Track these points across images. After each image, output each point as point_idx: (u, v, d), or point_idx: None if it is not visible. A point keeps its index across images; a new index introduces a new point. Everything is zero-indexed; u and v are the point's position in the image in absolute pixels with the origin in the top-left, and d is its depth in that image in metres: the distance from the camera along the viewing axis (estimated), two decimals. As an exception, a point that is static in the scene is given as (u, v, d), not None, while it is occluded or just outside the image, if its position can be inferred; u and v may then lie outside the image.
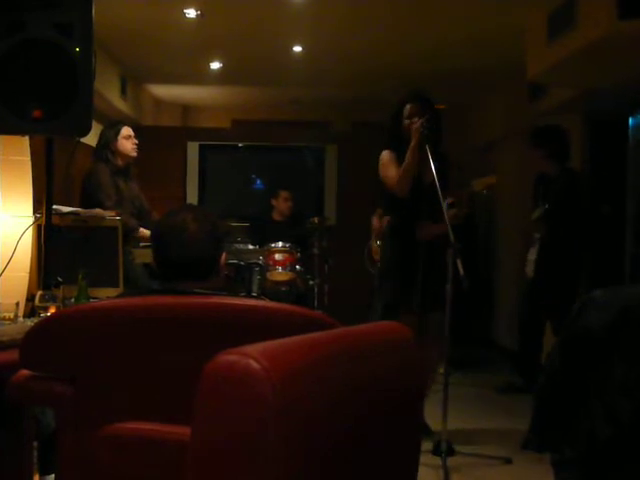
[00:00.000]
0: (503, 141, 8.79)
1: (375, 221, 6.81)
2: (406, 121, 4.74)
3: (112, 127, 5.23)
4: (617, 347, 1.89)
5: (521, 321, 6.40)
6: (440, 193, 4.33)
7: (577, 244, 6.00)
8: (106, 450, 2.07)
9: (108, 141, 5.12)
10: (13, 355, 2.25)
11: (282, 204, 7.67)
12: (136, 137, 5.25)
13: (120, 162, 5.14)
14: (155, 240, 2.50)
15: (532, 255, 6.19)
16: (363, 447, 1.46)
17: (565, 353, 2.01)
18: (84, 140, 3.75)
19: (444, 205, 4.35)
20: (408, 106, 4.79)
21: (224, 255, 2.52)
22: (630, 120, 5.73)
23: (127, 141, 5.15)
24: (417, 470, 1.72)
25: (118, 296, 2.84)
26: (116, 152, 5.12)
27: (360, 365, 1.48)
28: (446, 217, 4.30)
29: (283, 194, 7.70)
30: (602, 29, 4.73)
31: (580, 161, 6.81)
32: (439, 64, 7.61)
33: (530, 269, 6.21)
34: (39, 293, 3.16)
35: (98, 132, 5.20)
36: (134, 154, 5.19)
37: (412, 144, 4.61)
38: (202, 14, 6.12)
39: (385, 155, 4.89)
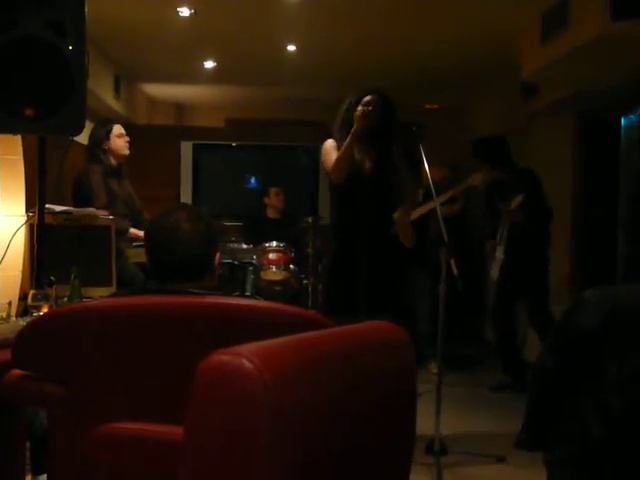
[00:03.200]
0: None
1: None
2: (359, 108, 4.58)
3: (102, 126, 5.21)
4: (609, 346, 1.90)
5: (493, 320, 6.51)
6: (435, 192, 4.32)
7: (545, 232, 6.17)
8: (99, 450, 2.06)
9: (100, 140, 5.10)
10: (6, 355, 2.24)
11: (274, 199, 7.70)
12: (129, 136, 5.24)
13: (113, 161, 5.12)
14: (149, 240, 2.50)
15: (500, 254, 6.32)
16: (356, 446, 1.46)
17: (557, 352, 2.01)
18: (77, 139, 3.75)
19: (437, 202, 4.34)
20: (368, 97, 4.70)
21: (218, 254, 2.52)
22: (622, 120, 5.73)
23: (120, 139, 5.14)
24: (410, 469, 1.72)
25: (111, 295, 2.84)
26: (108, 151, 5.10)
27: (353, 364, 1.48)
28: (439, 215, 4.30)
29: (273, 190, 7.73)
30: (595, 29, 4.74)
31: (572, 161, 6.83)
32: (433, 64, 7.61)
33: (495, 271, 6.34)
34: (32, 292, 3.16)
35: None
36: (127, 152, 5.17)
37: (354, 129, 4.49)
38: (196, 12, 6.10)
39: (327, 143, 4.77)
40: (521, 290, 6.28)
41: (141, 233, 4.96)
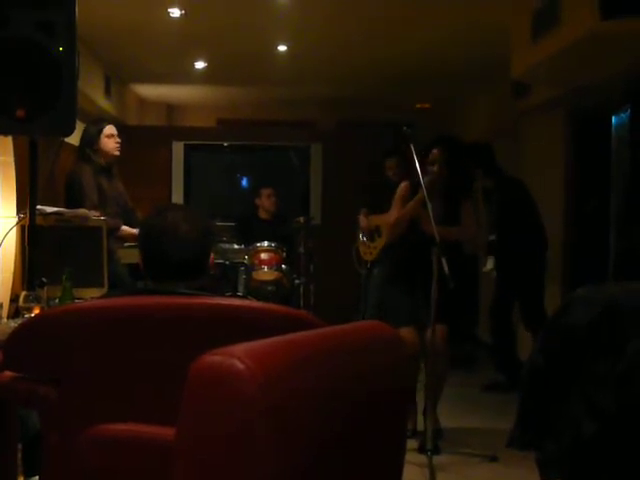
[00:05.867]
0: (488, 140, 8.80)
1: (362, 220, 6.83)
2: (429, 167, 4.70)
3: (95, 124, 5.19)
4: (600, 344, 1.90)
5: (490, 317, 6.54)
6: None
7: (532, 246, 6.19)
8: (91, 451, 2.06)
9: (91, 139, 5.08)
10: (-3, 356, 2.24)
11: (266, 201, 7.63)
12: (120, 137, 5.22)
13: (103, 161, 5.10)
14: (146, 240, 2.47)
15: (489, 264, 6.44)
16: (348, 446, 1.46)
17: (549, 351, 2.02)
18: (68, 140, 3.75)
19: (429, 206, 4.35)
20: (434, 151, 4.76)
21: (212, 255, 2.52)
22: (613, 118, 5.75)
23: (110, 140, 5.11)
24: (402, 468, 1.72)
25: (102, 296, 2.83)
26: (99, 151, 5.08)
27: (345, 364, 1.48)
28: (431, 217, 4.31)
29: (265, 191, 7.65)
30: (585, 28, 4.74)
31: (564, 159, 6.85)
32: (424, 63, 7.62)
33: (490, 265, 6.47)
34: (23, 294, 3.15)
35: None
36: (117, 153, 5.14)
37: (416, 197, 4.59)
38: (186, 13, 6.10)
39: (401, 188, 4.91)
40: (517, 292, 6.31)
41: (134, 231, 4.94)
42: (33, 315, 2.95)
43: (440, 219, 4.55)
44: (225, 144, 9.56)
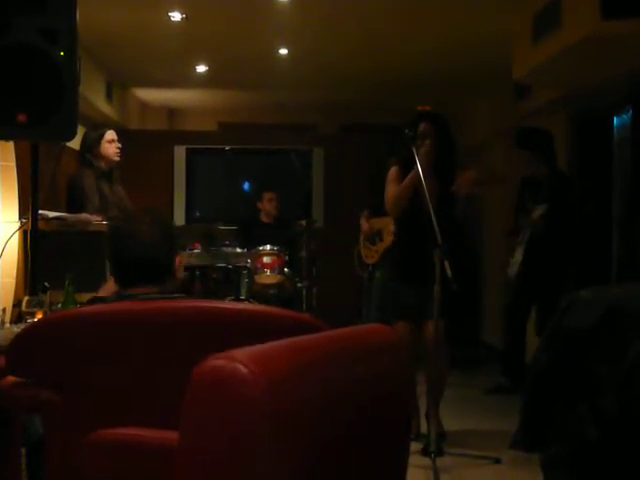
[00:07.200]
0: (490, 142, 8.81)
1: (363, 223, 6.82)
2: (418, 141, 4.69)
3: (95, 130, 5.21)
4: (602, 347, 1.90)
5: (505, 320, 6.44)
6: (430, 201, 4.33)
7: (569, 244, 6.06)
8: (94, 456, 2.06)
9: (91, 145, 5.10)
10: (0, 361, 2.24)
11: (267, 205, 7.65)
12: (121, 141, 5.22)
13: (103, 166, 5.11)
14: (109, 244, 2.53)
15: (518, 256, 6.22)
16: (352, 449, 1.46)
17: (551, 353, 2.01)
18: (70, 144, 3.74)
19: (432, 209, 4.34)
20: (422, 124, 4.76)
21: (178, 258, 2.54)
22: (615, 119, 5.75)
23: (110, 145, 5.12)
24: (406, 471, 1.72)
25: (89, 301, 2.80)
26: (99, 156, 5.09)
27: (348, 368, 1.48)
28: (434, 220, 4.29)
29: (267, 195, 7.67)
30: (586, 29, 4.75)
31: (566, 161, 6.84)
32: (425, 67, 7.62)
33: (513, 270, 6.24)
34: (26, 299, 3.15)
35: (83, 136, 5.17)
36: (117, 159, 5.16)
37: (415, 169, 4.54)
38: (187, 17, 6.10)
39: (391, 172, 4.93)
40: (538, 289, 6.14)
41: None
42: (36, 320, 2.95)
43: (437, 197, 4.55)
44: (227, 148, 9.55)
